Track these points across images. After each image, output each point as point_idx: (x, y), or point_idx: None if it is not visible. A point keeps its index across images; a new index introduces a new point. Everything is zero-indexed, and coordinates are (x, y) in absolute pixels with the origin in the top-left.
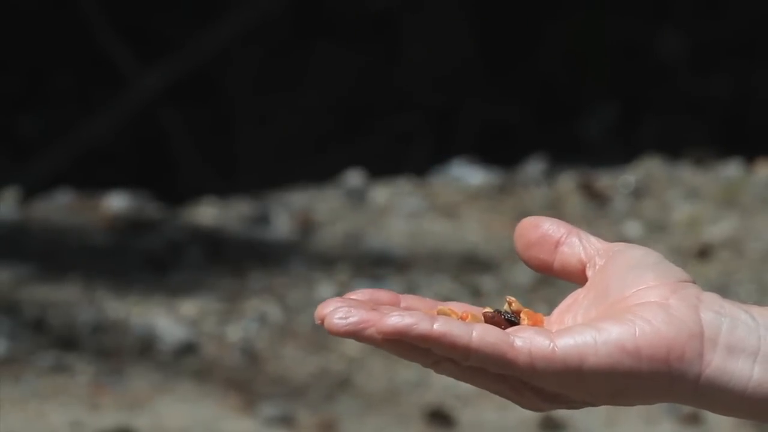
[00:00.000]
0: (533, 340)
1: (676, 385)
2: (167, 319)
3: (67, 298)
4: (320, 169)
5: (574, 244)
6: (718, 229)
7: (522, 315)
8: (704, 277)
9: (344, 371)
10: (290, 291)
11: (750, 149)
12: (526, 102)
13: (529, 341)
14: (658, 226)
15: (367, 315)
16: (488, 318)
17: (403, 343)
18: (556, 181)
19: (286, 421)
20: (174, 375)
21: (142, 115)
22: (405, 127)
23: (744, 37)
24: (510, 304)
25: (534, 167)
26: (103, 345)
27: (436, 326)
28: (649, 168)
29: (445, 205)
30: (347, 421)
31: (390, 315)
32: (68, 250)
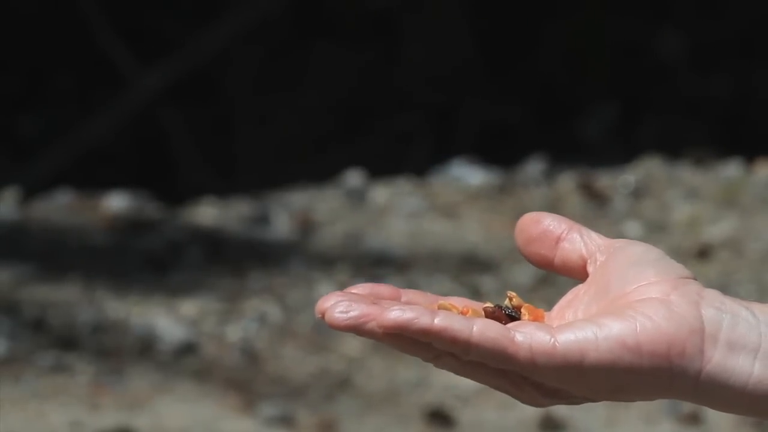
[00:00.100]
0: (534, 335)
1: (676, 381)
2: (167, 319)
3: (67, 298)
4: (320, 169)
5: (575, 240)
6: (718, 229)
7: (522, 310)
8: (704, 277)
9: (344, 371)
10: (290, 291)
11: (750, 149)
12: (525, 102)
13: (530, 336)
14: (658, 226)
15: (368, 309)
16: (489, 313)
17: (404, 338)
18: (556, 181)
19: (285, 421)
20: (174, 375)
21: (142, 115)
22: (405, 127)
23: (744, 37)
24: (511, 299)
25: (534, 167)
26: (103, 345)
27: (437, 321)
28: (649, 168)
29: (445, 205)
30: (347, 421)
31: (391, 309)
32: (68, 250)
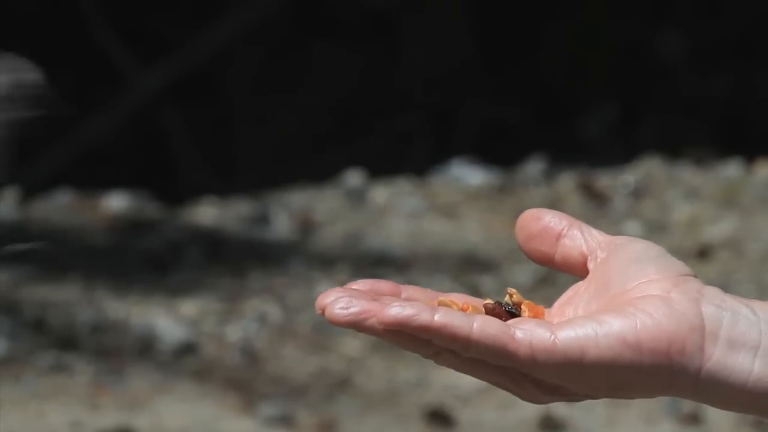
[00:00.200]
0: (534, 332)
1: (676, 379)
2: (167, 319)
3: (67, 298)
4: (320, 169)
5: (576, 237)
6: (718, 229)
7: (523, 307)
8: (704, 277)
9: (344, 371)
10: (290, 291)
11: (750, 149)
12: (525, 102)
13: (530, 333)
14: (658, 226)
15: (368, 305)
16: (489, 309)
17: (404, 334)
18: (556, 181)
19: (285, 421)
20: (174, 375)
21: (142, 115)
22: (405, 127)
23: (744, 36)
24: (511, 295)
25: (534, 167)
26: (102, 345)
27: (437, 317)
28: (649, 168)
29: (444, 205)
30: (347, 421)
31: (391, 305)
32: (68, 250)
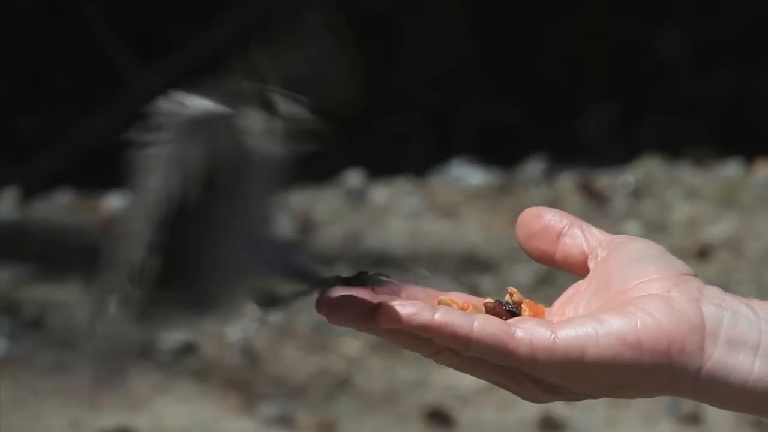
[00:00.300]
0: (534, 331)
1: (676, 378)
2: None
3: (67, 298)
4: (319, 169)
5: (577, 236)
6: (718, 229)
7: (523, 306)
8: (704, 277)
9: (344, 371)
10: None
11: (750, 149)
12: (525, 102)
13: (531, 332)
14: (658, 226)
15: (368, 305)
16: (489, 308)
17: (404, 333)
18: (556, 181)
19: (285, 421)
20: (174, 375)
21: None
22: (404, 127)
23: (744, 36)
24: (511, 294)
25: (533, 167)
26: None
27: (437, 316)
28: (649, 168)
29: (444, 205)
30: (347, 421)
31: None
32: (68, 250)
